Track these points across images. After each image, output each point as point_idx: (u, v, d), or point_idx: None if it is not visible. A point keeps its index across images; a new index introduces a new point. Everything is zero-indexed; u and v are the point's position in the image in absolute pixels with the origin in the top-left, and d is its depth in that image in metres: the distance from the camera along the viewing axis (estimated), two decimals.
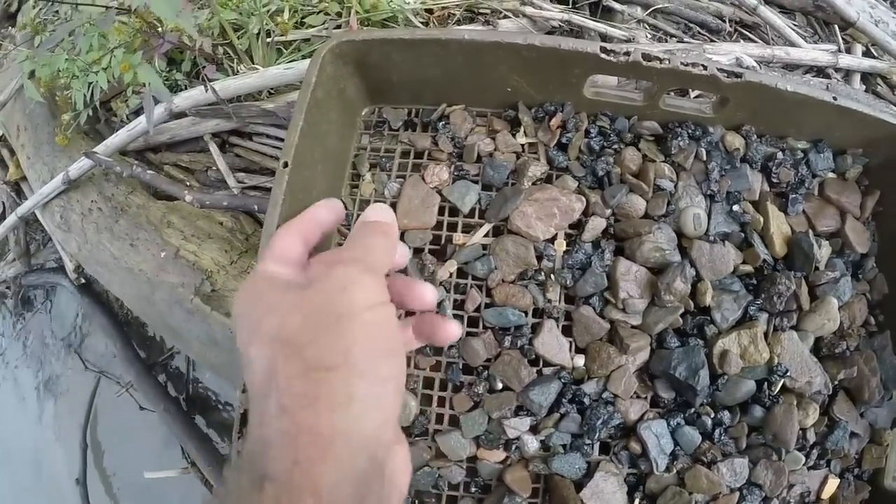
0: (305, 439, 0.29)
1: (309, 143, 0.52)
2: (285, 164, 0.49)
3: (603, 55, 0.55)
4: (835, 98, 0.60)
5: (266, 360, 0.32)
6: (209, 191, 0.85)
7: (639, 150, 0.63)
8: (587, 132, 0.63)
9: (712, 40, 1.15)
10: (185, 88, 0.94)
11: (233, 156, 0.93)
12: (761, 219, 0.63)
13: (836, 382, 0.62)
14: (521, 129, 0.62)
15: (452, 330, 0.41)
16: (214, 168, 0.91)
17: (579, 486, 0.54)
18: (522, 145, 0.62)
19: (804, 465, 0.60)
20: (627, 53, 0.56)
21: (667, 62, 0.56)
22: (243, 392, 0.46)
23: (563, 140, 0.62)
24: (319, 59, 0.53)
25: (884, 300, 0.67)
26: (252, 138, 0.91)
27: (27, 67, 0.97)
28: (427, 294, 0.40)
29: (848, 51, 1.20)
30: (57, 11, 1.22)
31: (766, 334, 0.58)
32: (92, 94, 0.93)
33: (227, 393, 1.19)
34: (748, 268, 0.61)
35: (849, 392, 0.64)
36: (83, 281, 1.24)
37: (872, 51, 1.24)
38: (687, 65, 0.56)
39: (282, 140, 0.88)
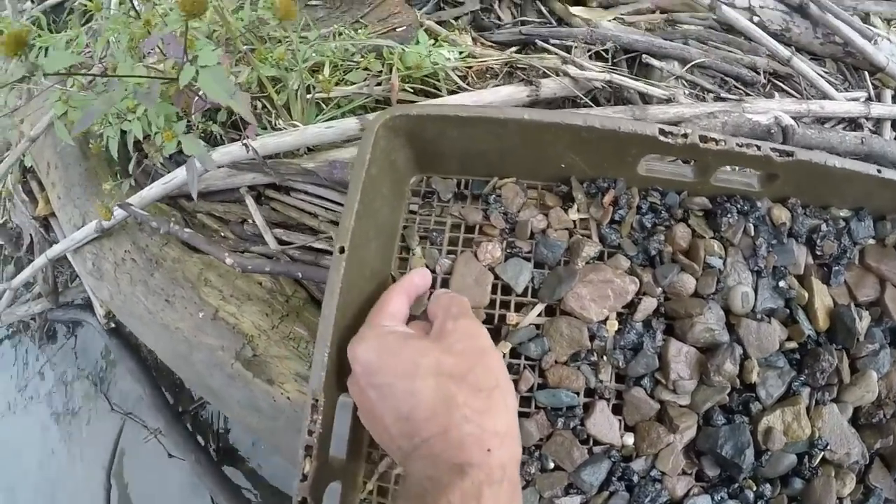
0: (489, 436, 0.41)
1: (364, 223, 0.51)
2: (342, 250, 0.48)
3: (661, 137, 0.55)
4: (879, 171, 0.61)
5: (434, 388, 0.43)
6: (247, 247, 0.84)
7: (688, 225, 0.62)
8: (639, 209, 0.62)
9: (748, 93, 1.15)
10: (221, 139, 0.94)
11: (269, 209, 0.92)
12: (806, 294, 0.63)
13: (872, 451, 0.62)
14: (575, 206, 0.61)
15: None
16: (250, 221, 0.91)
17: None
18: (574, 221, 0.61)
19: None
20: (685, 136, 0.55)
21: (722, 143, 0.56)
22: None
23: (616, 217, 0.61)
24: (373, 135, 0.53)
25: None
26: (290, 193, 0.91)
27: (59, 110, 0.96)
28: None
29: (878, 97, 1.22)
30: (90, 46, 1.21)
31: (808, 408, 0.58)
32: (125, 142, 0.93)
33: (259, 450, 1.18)
34: (793, 344, 0.61)
35: (884, 458, 0.63)
36: (113, 325, 1.23)
37: None
38: (742, 146, 0.57)
39: (320, 198, 0.88)
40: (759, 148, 0.56)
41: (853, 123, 1.16)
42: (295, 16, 0.65)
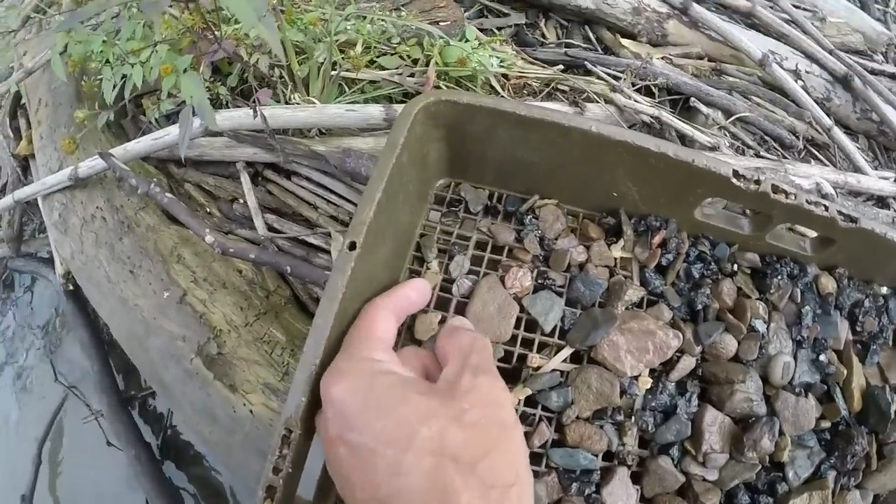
0: None
1: (383, 220, 0.42)
2: (353, 246, 0.39)
3: (734, 179, 0.48)
4: None
5: (431, 472, 0.31)
6: (232, 228, 0.75)
7: (734, 282, 0.56)
8: (686, 255, 0.54)
9: (784, 156, 1.13)
10: (227, 105, 0.85)
11: (264, 191, 0.83)
12: (844, 371, 0.57)
13: None
14: (620, 242, 0.53)
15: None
16: (241, 201, 0.81)
17: None
18: (616, 259, 0.53)
19: None
20: (758, 182, 0.49)
21: (793, 197, 0.50)
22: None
23: (662, 261, 0.53)
24: (410, 118, 0.45)
25: None
26: (290, 178, 0.82)
27: (60, 41, 0.89)
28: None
29: None
30: None
31: (833, 492, 0.52)
32: (122, 88, 0.84)
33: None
34: (826, 423, 0.55)
35: None
36: (71, 288, 1.13)
37: None
38: (811, 203, 0.50)
39: (325, 188, 0.79)
40: (826, 209, 0.51)
41: (882, 202, 1.17)
42: None
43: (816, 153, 1.19)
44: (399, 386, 0.35)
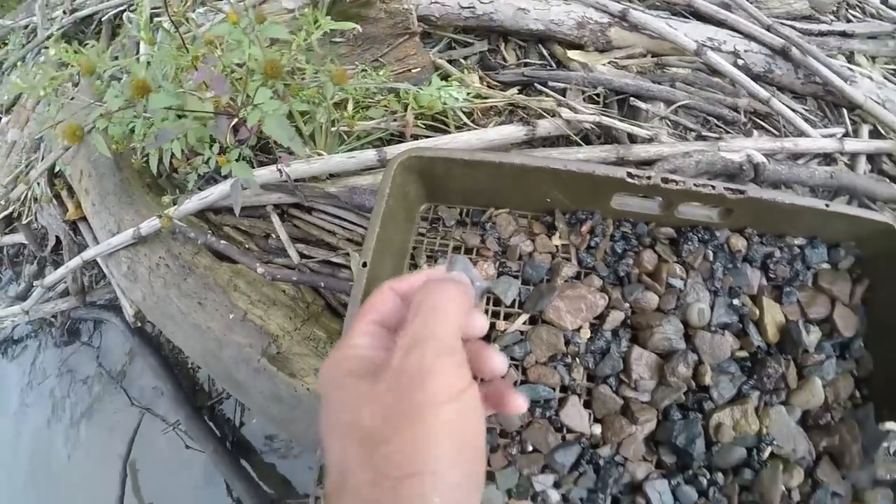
0: None
1: (382, 244, 0.62)
2: (364, 265, 0.59)
3: (629, 179, 0.66)
4: (827, 205, 0.70)
5: (339, 454, 0.31)
6: (271, 259, 0.96)
7: (655, 251, 0.73)
8: (612, 237, 0.73)
9: (728, 132, 1.25)
10: (251, 161, 1.06)
11: (291, 226, 1.04)
12: (757, 311, 0.73)
13: (819, 449, 0.69)
14: (557, 234, 0.72)
15: (521, 403, 0.38)
16: (274, 236, 1.02)
17: None
18: (557, 246, 0.73)
19: None
20: (649, 178, 0.67)
21: (682, 184, 0.67)
22: (318, 484, 0.54)
23: (592, 243, 0.72)
24: (392, 172, 0.64)
25: (869, 376, 0.74)
26: (311, 213, 1.02)
27: (101, 124, 1.05)
28: (498, 362, 0.36)
29: (855, 132, 1.31)
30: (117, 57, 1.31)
31: (756, 409, 0.67)
32: (161, 160, 1.04)
33: (275, 441, 1.28)
34: (744, 353, 0.71)
35: (832, 457, 0.70)
36: (139, 325, 1.34)
37: (881, 130, 1.33)
38: (698, 185, 0.67)
39: (339, 218, 0.99)
40: (714, 187, 0.67)
41: (828, 158, 1.26)
42: (345, 80, 0.75)
43: (763, 123, 1.30)
44: (345, 374, 0.33)
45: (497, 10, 1.26)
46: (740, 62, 1.33)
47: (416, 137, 0.97)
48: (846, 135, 1.32)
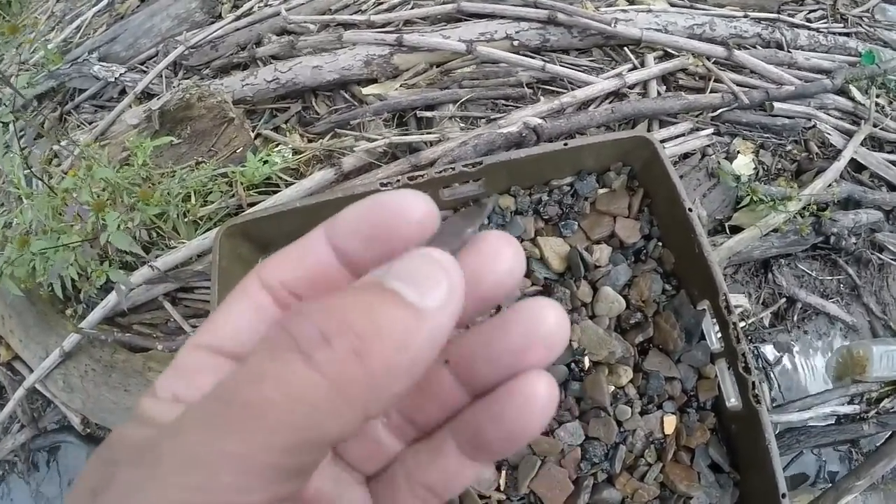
0: None
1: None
2: None
3: (382, 188, 0.90)
4: (566, 144, 0.85)
5: None
6: (173, 338, 1.17)
7: None
8: None
9: (518, 107, 1.45)
10: (134, 265, 1.27)
11: (183, 307, 1.25)
12: (537, 250, 0.90)
13: (636, 344, 0.78)
14: None
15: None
16: (172, 320, 1.24)
17: None
18: None
19: (634, 414, 0.74)
20: (398, 181, 0.90)
21: (426, 176, 0.87)
22: None
23: None
24: (217, 241, 0.86)
25: (674, 269, 0.85)
26: (194, 291, 1.24)
27: (6, 270, 1.22)
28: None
29: (642, 64, 1.48)
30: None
31: None
32: (64, 286, 1.23)
33: None
34: (535, 288, 0.87)
35: (660, 348, 0.78)
36: (88, 431, 1.52)
37: (673, 52, 1.49)
38: (440, 172, 0.86)
39: None
40: (454, 169, 0.85)
41: (618, 95, 1.43)
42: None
43: (552, 88, 1.49)
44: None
45: (297, 74, 1.46)
46: (515, 43, 1.50)
47: (252, 205, 1.20)
48: (634, 69, 1.46)
